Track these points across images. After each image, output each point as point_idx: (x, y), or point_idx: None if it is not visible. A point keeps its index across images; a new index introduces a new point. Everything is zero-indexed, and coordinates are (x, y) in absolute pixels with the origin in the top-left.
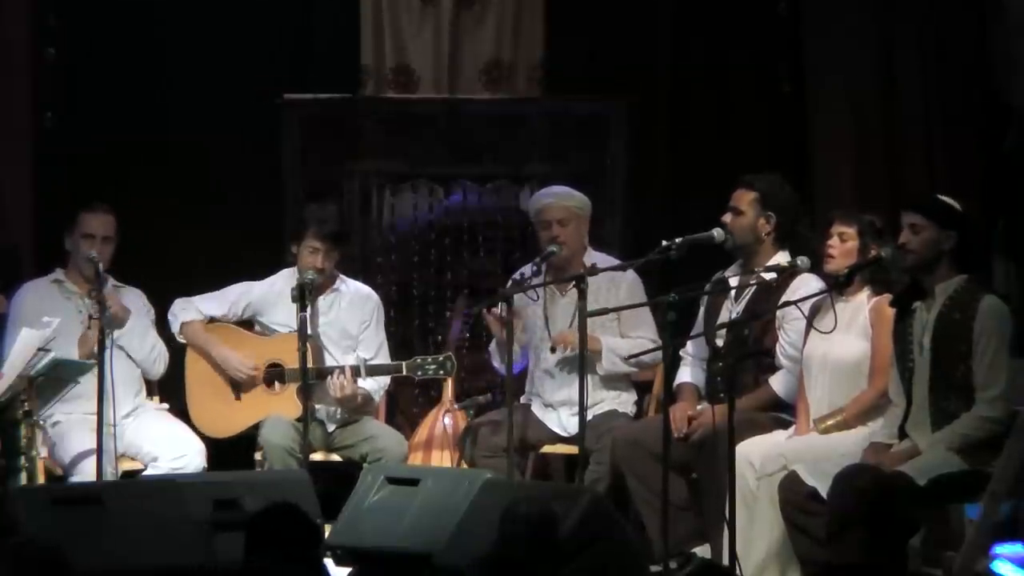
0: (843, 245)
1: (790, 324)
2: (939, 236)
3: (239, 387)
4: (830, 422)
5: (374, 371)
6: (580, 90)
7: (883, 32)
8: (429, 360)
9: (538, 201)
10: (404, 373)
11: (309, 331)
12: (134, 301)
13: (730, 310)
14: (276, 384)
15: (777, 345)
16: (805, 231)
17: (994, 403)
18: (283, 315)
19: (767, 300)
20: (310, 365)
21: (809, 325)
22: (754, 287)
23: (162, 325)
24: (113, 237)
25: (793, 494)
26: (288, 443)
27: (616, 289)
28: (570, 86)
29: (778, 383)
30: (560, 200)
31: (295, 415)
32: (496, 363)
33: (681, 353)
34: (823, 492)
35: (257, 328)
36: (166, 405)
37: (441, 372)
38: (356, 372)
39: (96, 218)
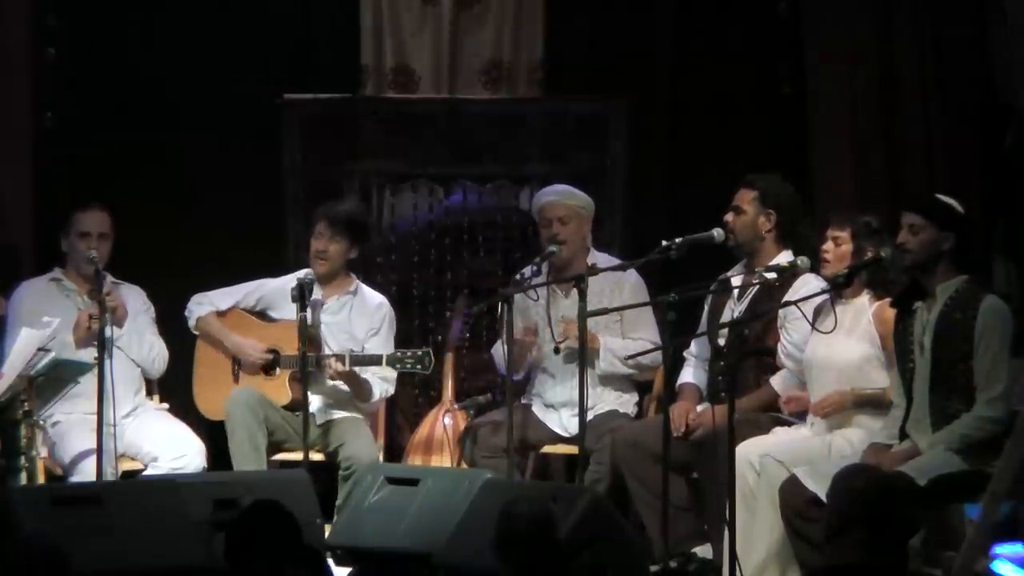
0: (837, 249)
1: (792, 324)
2: (938, 237)
3: (238, 372)
4: (867, 390)
5: (357, 361)
6: (580, 90)
7: (883, 32)
8: (408, 354)
9: (540, 199)
10: (384, 364)
11: (311, 322)
12: (134, 299)
13: (732, 310)
14: (276, 369)
15: (779, 345)
16: (806, 230)
17: (995, 403)
18: (292, 311)
19: (769, 300)
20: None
21: (812, 327)
22: (756, 287)
23: (163, 323)
24: (109, 234)
25: (794, 498)
26: (248, 397)
27: (620, 291)
28: (570, 86)
29: (779, 383)
30: (562, 199)
31: (285, 401)
32: (499, 365)
33: (684, 354)
34: (823, 496)
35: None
36: (166, 405)
37: (419, 367)
38: (342, 361)
39: (91, 216)
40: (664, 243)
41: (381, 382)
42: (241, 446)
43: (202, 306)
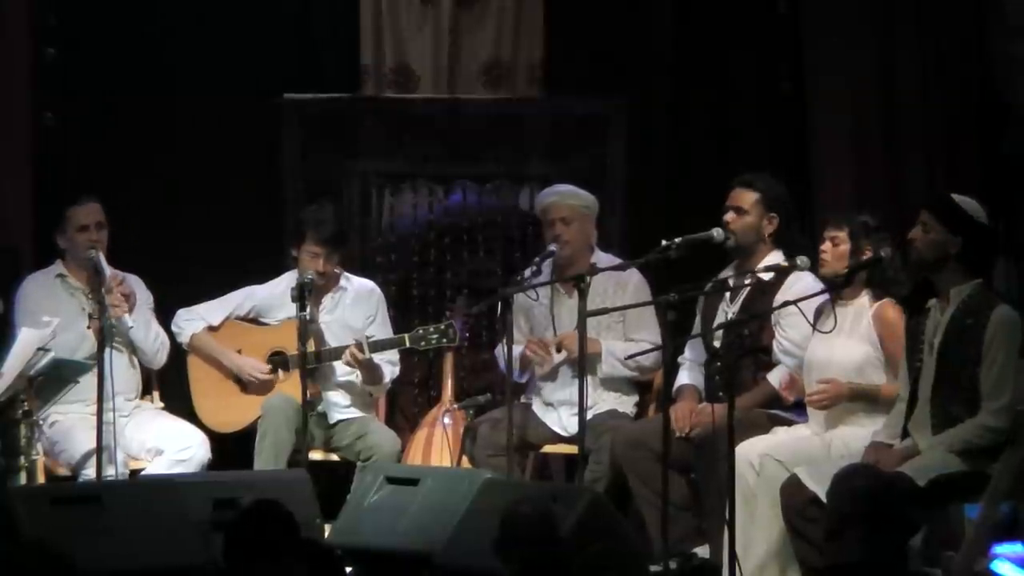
0: (836, 249)
1: (787, 320)
2: (945, 239)
3: (244, 381)
4: (864, 384)
5: (377, 347)
6: (580, 90)
7: (883, 32)
8: (431, 329)
9: (543, 199)
10: (407, 345)
11: (311, 320)
12: (135, 288)
13: (726, 312)
14: (280, 372)
15: (774, 341)
16: (795, 232)
17: (999, 413)
18: (286, 316)
19: (762, 299)
20: (311, 350)
21: (813, 327)
22: (748, 287)
23: (161, 313)
24: (105, 223)
25: (794, 498)
26: (287, 407)
27: (622, 291)
28: (570, 86)
29: (776, 379)
30: (564, 199)
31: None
32: (504, 366)
33: (679, 359)
34: (823, 496)
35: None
36: (161, 404)
37: (444, 340)
38: (360, 348)
39: (86, 208)
40: (664, 243)
41: (388, 365)
42: (265, 448)
43: (192, 322)
